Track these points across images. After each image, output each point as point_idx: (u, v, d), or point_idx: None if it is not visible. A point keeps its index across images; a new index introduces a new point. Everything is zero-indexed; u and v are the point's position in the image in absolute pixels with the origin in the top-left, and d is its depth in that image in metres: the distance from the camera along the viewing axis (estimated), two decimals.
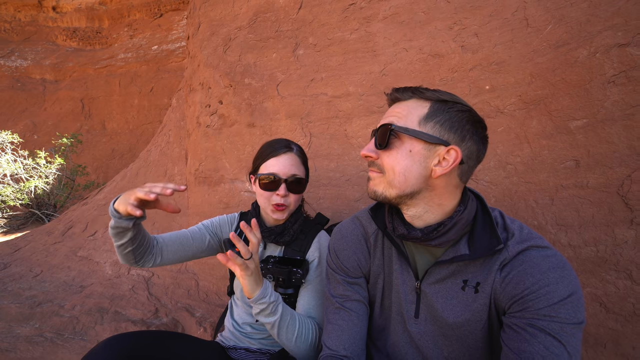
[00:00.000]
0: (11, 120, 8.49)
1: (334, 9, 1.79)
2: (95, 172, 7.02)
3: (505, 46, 1.32)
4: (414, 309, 0.74)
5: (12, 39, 9.67)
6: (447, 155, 0.65)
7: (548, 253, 0.64)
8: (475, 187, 1.34)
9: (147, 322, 1.68)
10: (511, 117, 1.29)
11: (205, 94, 2.14)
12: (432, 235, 0.68)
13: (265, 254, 1.14)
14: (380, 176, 0.70)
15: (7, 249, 3.04)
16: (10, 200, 4.67)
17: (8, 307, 2.02)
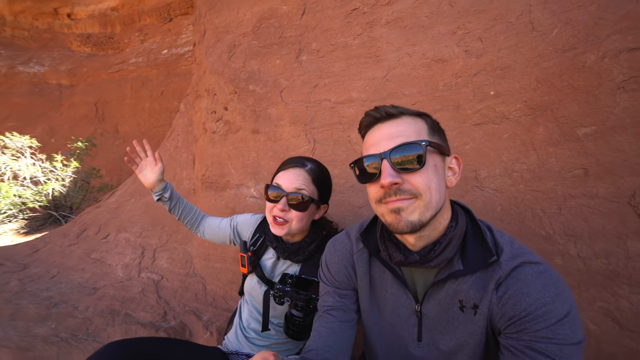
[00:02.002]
0: (30, 124, 8.80)
1: (336, 15, 1.78)
2: (109, 175, 7.22)
3: (510, 51, 1.29)
4: (416, 332, 0.73)
5: (30, 46, 10.02)
6: (452, 164, 0.68)
7: (541, 269, 0.63)
8: (481, 194, 1.32)
9: (155, 325, 1.72)
10: (517, 123, 1.27)
11: (211, 100, 2.17)
12: (429, 256, 0.67)
13: (278, 266, 1.16)
14: (413, 202, 0.63)
15: (27, 249, 3.16)
16: (30, 202, 4.84)
17: (27, 308, 2.11)
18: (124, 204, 2.94)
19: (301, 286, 1.01)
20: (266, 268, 1.17)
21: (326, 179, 1.12)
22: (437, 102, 1.44)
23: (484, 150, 1.32)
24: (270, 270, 1.15)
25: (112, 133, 8.38)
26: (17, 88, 9.49)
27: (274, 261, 1.15)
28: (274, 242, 1.11)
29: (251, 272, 1.17)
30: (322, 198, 1.09)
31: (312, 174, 1.06)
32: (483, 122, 1.33)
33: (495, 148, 1.30)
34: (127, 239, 2.57)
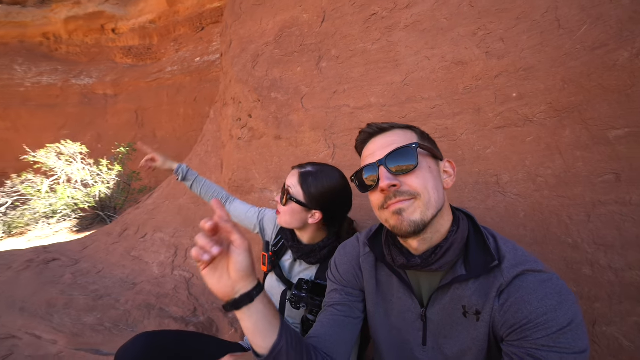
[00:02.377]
0: (81, 132, 9.67)
1: (356, 20, 1.80)
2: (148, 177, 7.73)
3: (534, 50, 1.24)
4: (421, 336, 0.74)
5: (81, 60, 11.01)
6: (447, 168, 0.71)
7: (544, 277, 0.62)
8: (503, 200, 1.28)
9: (186, 320, 1.85)
10: (541, 126, 1.21)
11: (237, 108, 2.28)
12: (431, 259, 0.69)
13: (295, 267, 1.20)
14: (413, 203, 0.66)
15: (78, 246, 3.50)
16: (81, 203, 5.33)
17: (78, 299, 2.34)
18: (159, 206, 3.16)
19: (316, 292, 1.04)
20: (285, 268, 1.22)
21: (321, 186, 1.08)
22: (456, 106, 1.42)
23: (506, 154, 1.28)
24: (289, 271, 1.20)
25: (150, 138, 8.98)
26: (71, 99, 10.47)
27: (292, 262, 1.19)
28: (290, 241, 1.16)
29: (270, 271, 1.23)
30: (311, 203, 1.08)
31: (302, 177, 1.10)
32: (505, 125, 1.29)
33: (518, 152, 1.25)
34: (162, 238, 2.76)
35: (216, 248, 0.57)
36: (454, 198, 1.39)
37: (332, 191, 1.09)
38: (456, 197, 1.38)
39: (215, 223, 0.57)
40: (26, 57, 11.51)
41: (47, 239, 4.52)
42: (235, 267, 0.58)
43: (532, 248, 1.20)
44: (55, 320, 2.07)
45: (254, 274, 0.61)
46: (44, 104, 10.66)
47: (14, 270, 2.98)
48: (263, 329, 0.61)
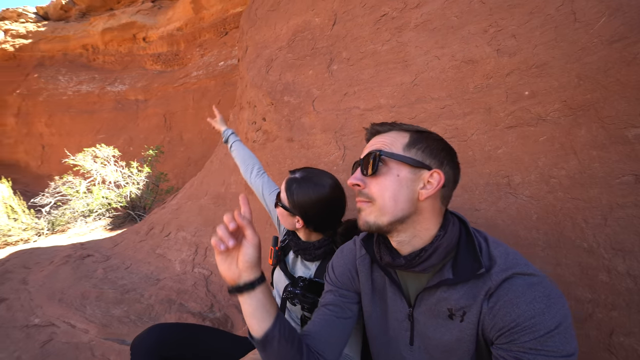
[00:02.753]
0: (115, 136, 10.30)
1: (366, 22, 1.81)
2: (175, 178, 8.10)
3: (548, 46, 1.19)
4: (408, 336, 0.75)
5: (115, 68, 11.73)
6: (431, 179, 0.69)
7: (533, 280, 0.62)
8: (515, 201, 1.24)
9: (203, 315, 1.94)
10: (555, 124, 1.17)
11: (252, 112, 2.35)
12: (414, 261, 0.70)
13: (297, 264, 1.23)
14: (369, 205, 0.71)
15: (110, 243, 3.74)
16: (114, 203, 5.69)
17: (107, 292, 2.52)
18: (182, 206, 3.32)
19: (312, 289, 1.07)
20: (289, 263, 1.26)
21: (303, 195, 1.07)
22: (467, 105, 1.39)
23: (518, 155, 1.24)
24: (292, 267, 1.24)
25: (177, 140, 9.39)
26: (106, 105, 11.18)
27: (294, 258, 1.23)
28: (290, 234, 1.19)
29: (277, 265, 1.27)
30: (293, 209, 1.10)
31: (287, 183, 1.12)
32: (517, 124, 1.25)
33: (531, 152, 1.21)
34: (184, 237, 2.90)
35: (232, 241, 0.65)
36: (464, 200, 1.36)
37: (314, 201, 1.07)
38: (467, 199, 1.36)
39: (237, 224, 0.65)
40: (68, 67, 12.44)
41: (84, 236, 4.87)
42: (243, 258, 0.67)
43: (545, 252, 1.15)
44: (87, 311, 2.24)
45: (258, 266, 0.69)
46: (83, 110, 11.46)
47: (55, 265, 3.24)
48: (260, 315, 0.69)
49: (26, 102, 12.21)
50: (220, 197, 2.97)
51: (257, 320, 0.68)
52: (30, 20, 14.13)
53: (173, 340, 1.07)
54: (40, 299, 2.52)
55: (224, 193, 2.90)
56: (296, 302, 1.06)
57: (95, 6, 13.04)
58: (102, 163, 6.28)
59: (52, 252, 3.83)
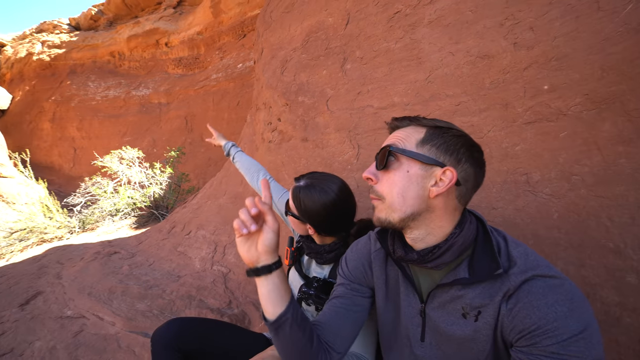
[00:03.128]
0: (139, 138, 10.76)
1: (379, 20, 1.80)
2: (196, 178, 8.35)
3: (568, 38, 1.15)
4: (419, 332, 0.75)
5: (140, 74, 12.25)
6: (443, 176, 0.68)
7: (555, 283, 0.59)
8: (534, 200, 1.20)
9: (221, 311, 1.99)
10: (576, 119, 1.12)
11: (268, 112, 2.39)
12: (427, 257, 0.69)
13: (312, 265, 1.24)
14: (380, 203, 0.72)
15: (135, 241, 3.92)
16: (139, 203, 5.94)
17: (132, 288, 2.64)
18: (202, 206, 3.42)
19: (326, 290, 1.07)
20: (304, 264, 1.27)
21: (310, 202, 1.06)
22: (482, 102, 1.35)
23: (537, 151, 1.20)
24: (307, 267, 1.25)
25: (198, 142, 9.67)
26: (131, 109, 11.68)
27: (309, 259, 1.24)
28: (303, 236, 1.21)
29: (292, 266, 1.29)
30: (303, 217, 1.09)
31: (294, 192, 1.11)
32: (536, 120, 1.21)
33: (551, 148, 1.16)
34: (204, 235, 2.99)
35: (254, 226, 0.68)
36: (480, 198, 1.33)
37: (321, 208, 1.05)
38: (483, 197, 1.32)
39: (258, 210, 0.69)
40: (97, 74, 13.10)
41: (111, 234, 5.12)
42: (263, 243, 0.70)
43: (567, 252, 1.11)
44: (114, 305, 2.36)
45: (277, 251, 0.72)
46: (110, 115, 12.04)
47: (85, 261, 3.43)
48: (274, 299, 0.71)
49: (60, 108, 12.97)
50: (238, 197, 3.04)
51: (271, 303, 0.71)
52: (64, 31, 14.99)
53: (191, 334, 1.11)
54: (72, 293, 2.68)
55: (242, 192, 2.97)
56: (310, 302, 1.07)
57: (122, 15, 13.65)
58: (128, 164, 6.57)
59: (82, 249, 4.06)
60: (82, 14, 14.82)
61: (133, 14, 13.46)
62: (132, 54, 12.65)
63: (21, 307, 2.60)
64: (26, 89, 14.10)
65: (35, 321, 2.36)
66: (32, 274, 3.33)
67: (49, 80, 13.77)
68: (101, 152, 7.94)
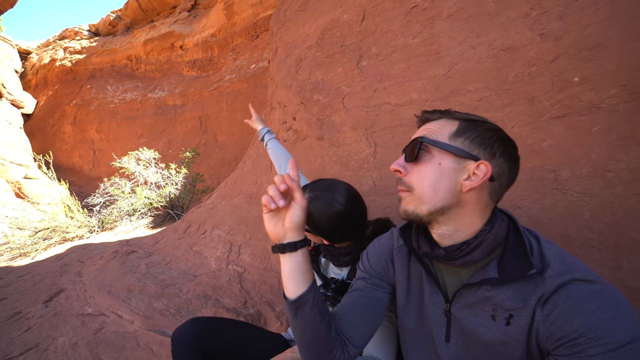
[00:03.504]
0: (155, 139, 11.00)
1: (396, 15, 1.76)
2: (210, 179, 8.46)
3: (602, 25, 1.08)
4: (444, 332, 0.71)
5: (155, 76, 12.53)
6: (477, 170, 0.64)
7: (596, 288, 0.55)
8: (563, 198, 1.14)
9: (237, 311, 1.99)
10: (611, 112, 1.05)
11: (282, 111, 2.38)
12: (455, 254, 0.66)
13: (330, 264, 1.21)
14: (409, 195, 0.69)
15: (151, 241, 3.99)
16: (155, 203, 6.06)
17: (149, 286, 2.68)
18: (217, 205, 3.45)
19: (344, 292, 1.04)
20: (322, 264, 1.25)
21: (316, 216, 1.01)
22: (506, 96, 1.30)
23: (567, 147, 1.13)
24: (324, 268, 1.23)
25: (212, 142, 9.81)
26: (148, 111, 11.96)
27: (326, 260, 1.22)
28: None
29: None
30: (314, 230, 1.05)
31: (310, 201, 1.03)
32: (565, 114, 1.15)
33: (582, 144, 1.10)
34: (219, 235, 3.01)
35: (282, 201, 0.69)
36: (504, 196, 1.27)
37: (329, 221, 1.01)
38: (507, 195, 1.25)
39: (287, 186, 0.69)
40: (115, 78, 13.49)
41: (129, 233, 5.24)
42: (290, 219, 0.70)
43: (601, 254, 1.05)
44: (132, 304, 2.40)
45: (302, 229, 0.72)
46: (128, 117, 12.37)
47: (104, 260, 3.52)
48: (297, 277, 0.70)
49: (80, 111, 13.42)
50: (252, 197, 3.05)
51: (294, 282, 0.70)
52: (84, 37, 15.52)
53: (211, 334, 1.11)
54: (92, 290, 2.74)
55: (256, 192, 2.97)
56: (328, 303, 1.05)
57: (138, 20, 14.01)
58: (145, 165, 6.72)
59: (102, 248, 4.16)
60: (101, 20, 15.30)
61: (149, 18, 13.79)
62: (148, 57, 12.96)
63: (45, 304, 2.68)
64: (49, 94, 14.67)
65: (58, 318, 2.42)
66: (55, 272, 3.43)
67: (71, 84, 14.27)
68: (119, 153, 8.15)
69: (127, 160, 6.63)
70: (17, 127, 10.72)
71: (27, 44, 16.77)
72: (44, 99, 14.86)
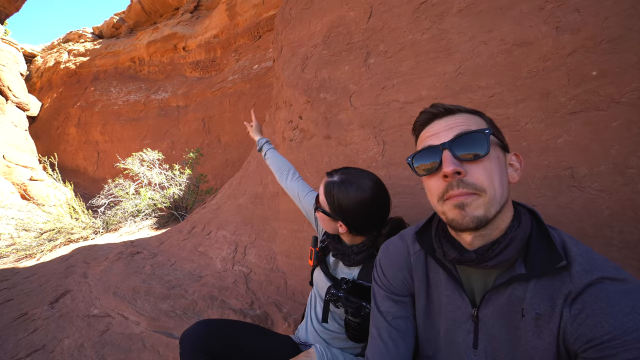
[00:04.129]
0: (159, 140, 11.05)
1: (404, 12, 1.74)
2: (214, 179, 8.47)
3: (623, 16, 1.05)
4: (471, 338, 0.68)
5: (158, 78, 12.60)
6: (513, 161, 0.65)
7: (629, 287, 0.52)
8: (580, 195, 1.11)
9: (244, 312, 1.97)
10: (632, 107, 1.02)
11: (288, 111, 2.36)
12: (487, 255, 0.63)
13: (340, 265, 1.18)
14: (476, 198, 0.60)
15: (156, 242, 3.99)
16: (159, 204, 6.07)
17: (155, 287, 2.67)
18: (222, 206, 3.44)
19: (356, 292, 1.02)
20: (330, 264, 1.22)
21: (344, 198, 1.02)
22: (519, 92, 1.27)
23: (584, 143, 1.10)
24: (334, 267, 1.20)
25: (215, 143, 9.83)
26: (151, 112, 12.02)
27: (335, 260, 1.19)
28: (330, 237, 1.16)
29: (317, 266, 1.23)
30: (335, 214, 1.05)
31: (326, 187, 1.09)
32: (582, 109, 1.11)
33: (600, 140, 1.07)
34: (224, 236, 3.00)
35: None
36: (517, 194, 1.25)
37: (355, 205, 1.01)
38: (521, 193, 1.24)
39: None
40: (119, 80, 13.56)
41: (133, 234, 5.25)
42: None
43: (622, 253, 1.02)
44: (138, 305, 2.39)
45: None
46: (132, 118, 12.43)
47: (109, 261, 3.51)
48: None
49: (85, 113, 13.51)
50: (258, 197, 3.03)
51: None
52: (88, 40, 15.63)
53: (219, 336, 1.09)
54: (98, 292, 2.74)
55: (261, 192, 2.95)
56: (340, 305, 1.02)
57: (141, 22, 14.08)
58: (148, 166, 6.73)
59: (107, 249, 4.17)
60: (105, 22, 15.41)
61: (152, 20, 13.86)
62: (152, 59, 13.01)
63: (51, 305, 2.68)
64: (54, 96, 14.78)
65: (64, 319, 2.42)
66: (61, 273, 3.44)
67: (75, 87, 14.37)
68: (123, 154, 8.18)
69: (131, 162, 6.65)
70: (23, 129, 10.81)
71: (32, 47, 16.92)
72: (49, 102, 14.97)
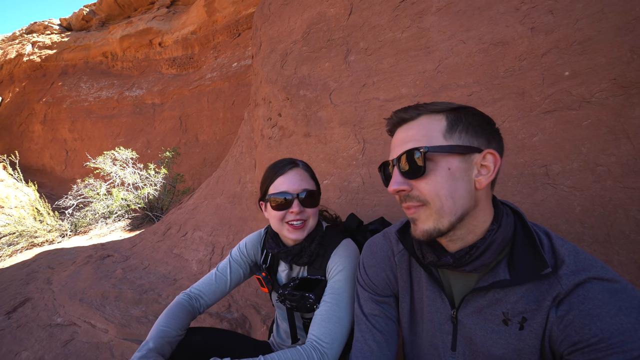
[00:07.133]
0: (133, 139, 10.58)
1: (384, 10, 1.73)
2: (191, 179, 8.22)
3: (593, 19, 1.08)
4: (450, 340, 0.66)
5: (133, 74, 12.06)
6: (484, 162, 0.60)
7: (616, 287, 0.52)
8: (554, 193, 1.13)
9: (221, 316, 1.90)
10: (602, 106, 1.05)
11: (267, 108, 2.30)
12: (464, 260, 0.61)
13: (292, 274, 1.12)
14: (424, 210, 0.61)
15: (129, 244, 3.79)
16: (132, 205, 5.80)
17: (126, 292, 2.53)
18: (198, 206, 3.32)
19: (304, 287, 0.98)
20: (281, 281, 1.14)
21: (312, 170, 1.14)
22: (497, 91, 1.29)
23: (557, 142, 1.13)
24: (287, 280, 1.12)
25: (193, 142, 9.53)
26: (125, 110, 11.49)
27: (288, 272, 1.12)
28: (275, 248, 1.07)
29: (271, 291, 1.14)
30: (319, 189, 1.11)
31: (307, 169, 1.09)
32: (555, 108, 1.14)
33: (572, 138, 1.10)
34: (201, 237, 2.89)
35: None
36: (495, 192, 1.26)
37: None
38: (498, 191, 1.25)
39: None
40: (89, 75, 12.87)
41: (104, 237, 4.98)
42: None
43: (592, 248, 1.04)
44: (107, 311, 2.25)
45: None
46: (103, 116, 11.83)
47: (77, 265, 3.30)
48: None
49: (51, 110, 12.72)
50: (236, 196, 2.95)
51: None
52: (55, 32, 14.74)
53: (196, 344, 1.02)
54: (62, 299, 2.56)
55: (239, 192, 2.87)
56: (287, 303, 0.98)
57: (114, 15, 13.46)
58: (121, 166, 6.42)
59: (74, 253, 3.92)
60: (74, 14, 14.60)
61: (126, 14, 13.28)
62: (125, 54, 12.46)
63: (8, 315, 2.47)
64: (16, 91, 13.82)
65: (23, 330, 2.24)
66: (21, 280, 3.19)
67: (40, 81, 13.51)
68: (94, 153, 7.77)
69: (102, 161, 6.32)
70: None
71: None
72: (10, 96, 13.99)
